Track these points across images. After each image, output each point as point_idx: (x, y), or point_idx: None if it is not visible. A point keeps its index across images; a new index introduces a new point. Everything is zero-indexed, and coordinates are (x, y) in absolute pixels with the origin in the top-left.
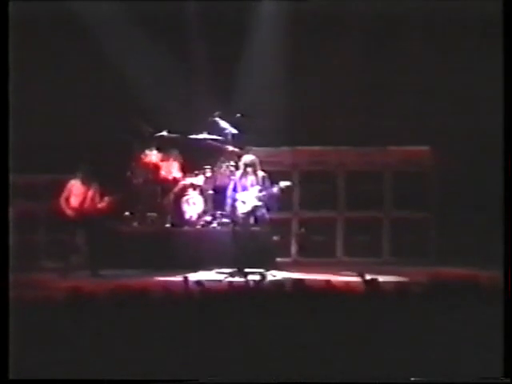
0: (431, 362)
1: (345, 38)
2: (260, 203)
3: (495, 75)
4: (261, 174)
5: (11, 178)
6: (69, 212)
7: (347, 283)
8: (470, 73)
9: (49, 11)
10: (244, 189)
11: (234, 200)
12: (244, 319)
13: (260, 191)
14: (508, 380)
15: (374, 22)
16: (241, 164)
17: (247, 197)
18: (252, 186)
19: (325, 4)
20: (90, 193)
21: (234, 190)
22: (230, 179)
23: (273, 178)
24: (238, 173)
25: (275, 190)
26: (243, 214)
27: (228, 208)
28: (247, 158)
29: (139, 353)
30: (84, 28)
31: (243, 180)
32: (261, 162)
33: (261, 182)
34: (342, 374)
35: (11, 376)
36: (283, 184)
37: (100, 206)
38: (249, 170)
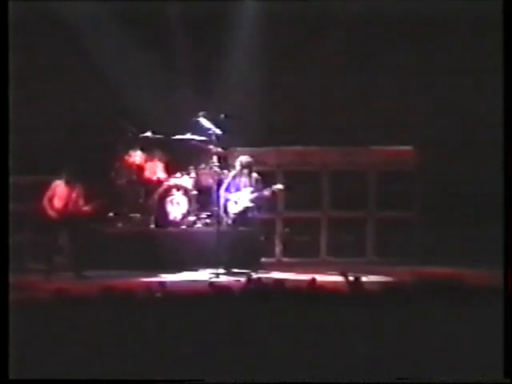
0: (421, 363)
1: (330, 38)
2: (251, 204)
3: (486, 75)
4: (254, 175)
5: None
6: (52, 213)
7: (332, 283)
8: (457, 72)
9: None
10: (237, 189)
11: (227, 200)
12: (229, 319)
13: (252, 193)
14: (508, 380)
15: (363, 22)
16: (237, 164)
17: (239, 197)
18: (245, 187)
19: (309, 4)
20: (74, 194)
21: (227, 189)
22: (215, 179)
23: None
24: (232, 173)
25: (267, 192)
26: (234, 214)
27: (220, 207)
28: (244, 158)
29: (125, 353)
30: (69, 29)
31: (237, 180)
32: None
33: (253, 184)
34: (329, 373)
35: (11, 376)
36: (276, 187)
37: (84, 208)
38: (244, 171)
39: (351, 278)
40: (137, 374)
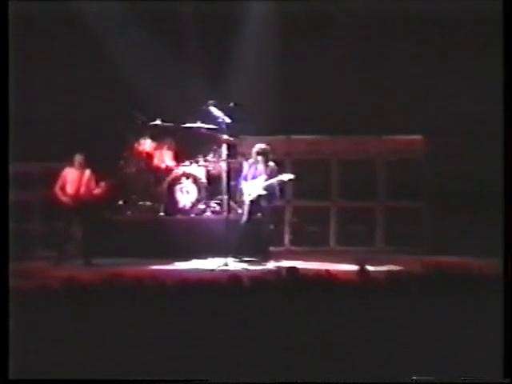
0: (426, 356)
1: (339, 29)
2: (265, 192)
3: (491, 68)
4: (271, 164)
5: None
6: (65, 200)
7: (341, 272)
8: (465, 65)
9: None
10: (253, 177)
11: (242, 188)
12: (236, 308)
13: (265, 180)
14: (508, 380)
15: (370, 19)
16: (253, 152)
17: (254, 186)
18: (260, 175)
19: None
20: (85, 179)
21: (245, 178)
22: (224, 168)
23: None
24: (250, 161)
25: (277, 180)
26: (248, 202)
27: (231, 196)
28: (259, 146)
29: (133, 343)
30: (80, 22)
31: (253, 169)
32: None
33: (268, 173)
34: (334, 367)
35: (11, 376)
36: (286, 177)
37: (95, 192)
38: (259, 158)
39: (362, 268)
40: (141, 367)
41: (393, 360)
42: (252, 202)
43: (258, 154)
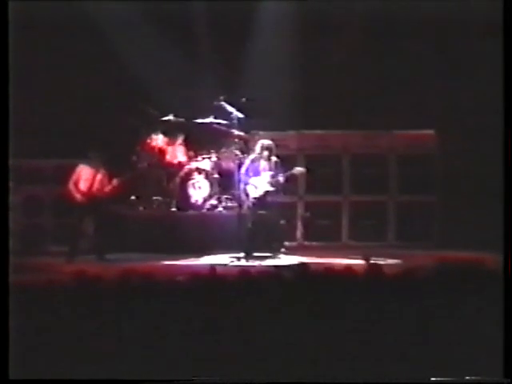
0: (426, 356)
1: (349, 25)
2: (271, 189)
3: (496, 65)
4: (274, 159)
5: (18, 162)
6: (78, 196)
7: (352, 267)
8: (472, 62)
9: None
10: (256, 173)
11: (246, 183)
12: (248, 303)
13: (272, 177)
14: (508, 380)
15: (383, 16)
16: (257, 148)
17: (259, 181)
18: (264, 170)
19: None
20: (99, 176)
21: (246, 173)
22: (236, 163)
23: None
24: (252, 156)
25: (284, 177)
26: (254, 198)
27: (239, 191)
28: (265, 142)
29: (143, 339)
30: (90, 16)
31: (256, 164)
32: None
33: (273, 168)
34: (342, 362)
35: (11, 376)
36: (298, 171)
37: (109, 188)
38: (265, 154)
39: (371, 262)
40: (150, 364)
41: (393, 359)
42: (257, 197)
43: (264, 149)
